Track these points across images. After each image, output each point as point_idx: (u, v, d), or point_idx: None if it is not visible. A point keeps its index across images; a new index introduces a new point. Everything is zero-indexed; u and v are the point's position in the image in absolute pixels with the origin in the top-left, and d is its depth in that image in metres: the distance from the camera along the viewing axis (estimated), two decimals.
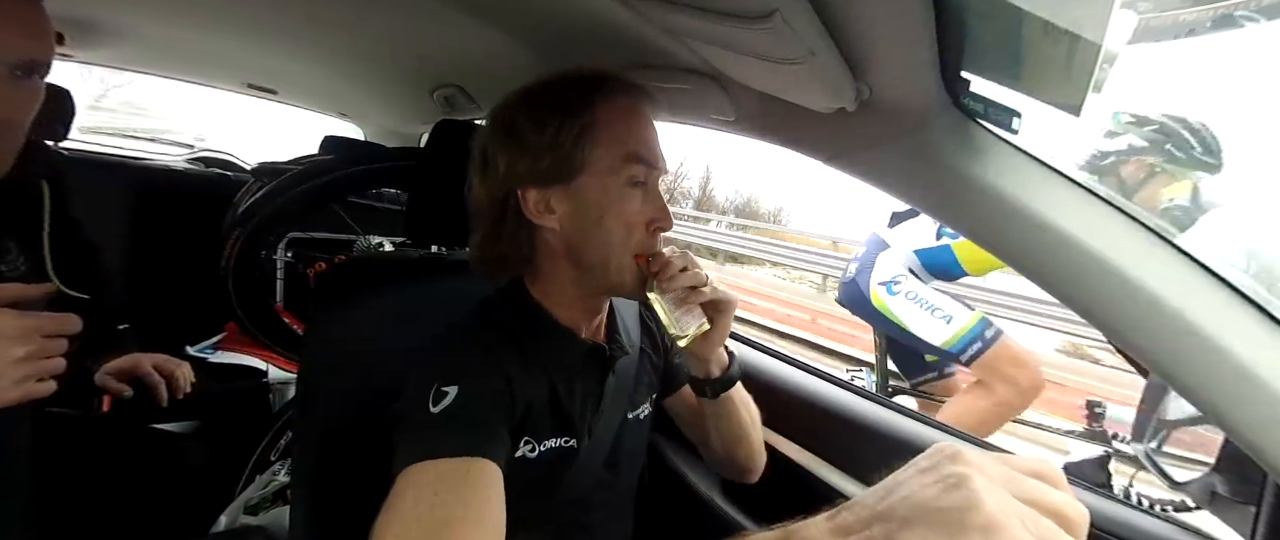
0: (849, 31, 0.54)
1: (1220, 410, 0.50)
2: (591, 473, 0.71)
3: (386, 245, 1.84)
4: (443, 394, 0.56)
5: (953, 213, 0.65)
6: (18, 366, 0.56)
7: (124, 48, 1.68)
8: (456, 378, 0.57)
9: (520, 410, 0.62)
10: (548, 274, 0.68)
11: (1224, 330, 0.50)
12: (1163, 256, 0.54)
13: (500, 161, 0.64)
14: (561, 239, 0.65)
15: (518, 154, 0.63)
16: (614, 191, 0.63)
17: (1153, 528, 0.68)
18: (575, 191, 0.63)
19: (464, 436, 0.54)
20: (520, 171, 0.63)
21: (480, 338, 0.64)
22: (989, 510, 0.28)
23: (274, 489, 1.13)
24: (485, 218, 0.66)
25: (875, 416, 0.94)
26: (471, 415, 0.55)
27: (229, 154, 2.45)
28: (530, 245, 0.67)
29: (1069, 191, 0.59)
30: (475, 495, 0.50)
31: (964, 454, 0.31)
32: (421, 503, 0.49)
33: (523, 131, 0.63)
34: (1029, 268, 0.60)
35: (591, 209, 0.63)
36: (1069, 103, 0.52)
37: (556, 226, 0.64)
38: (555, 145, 0.61)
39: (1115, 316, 0.54)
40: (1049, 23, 0.46)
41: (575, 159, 0.61)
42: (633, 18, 0.68)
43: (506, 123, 0.65)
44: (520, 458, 0.63)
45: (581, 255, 0.65)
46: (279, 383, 1.57)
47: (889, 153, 0.68)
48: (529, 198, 0.63)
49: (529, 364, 0.64)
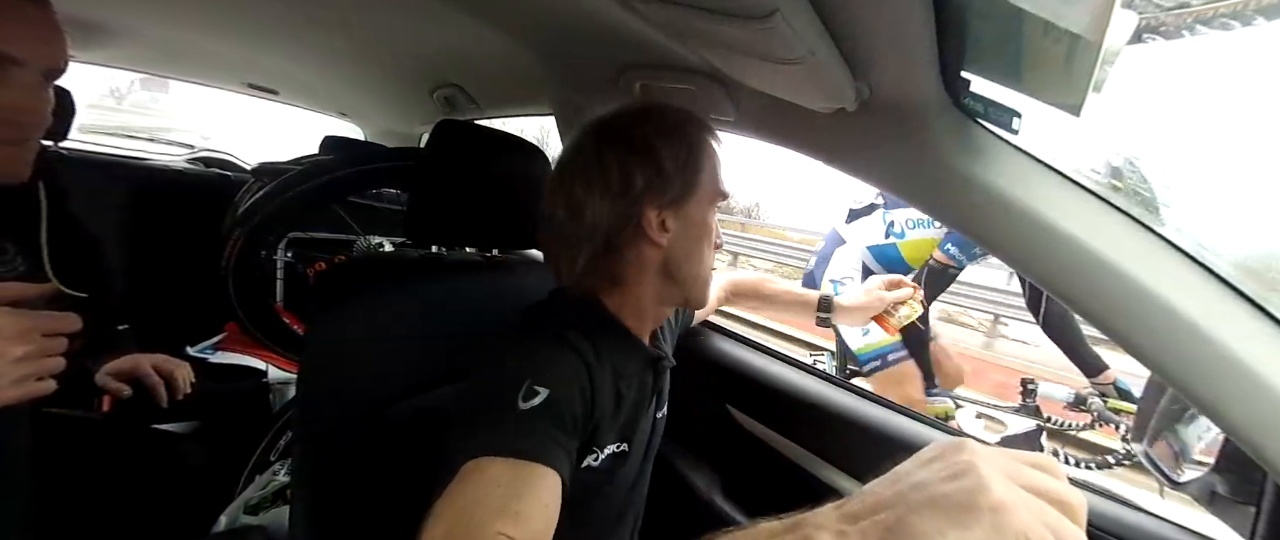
0: (849, 31, 0.54)
1: (1220, 410, 0.50)
2: (633, 472, 0.76)
3: (386, 245, 1.84)
4: (534, 393, 0.57)
5: (953, 213, 0.65)
6: (17, 366, 0.56)
7: (124, 48, 1.68)
8: (549, 380, 0.58)
9: (594, 419, 0.64)
10: (632, 287, 0.71)
11: (1224, 330, 0.50)
12: (1163, 256, 0.54)
13: (638, 180, 0.66)
14: (663, 255, 0.69)
15: (654, 174, 0.66)
16: (710, 216, 0.71)
17: (1153, 528, 0.68)
18: (686, 213, 0.69)
19: (543, 443, 0.54)
20: (653, 190, 0.66)
21: (567, 338, 0.65)
22: (995, 493, 0.29)
23: (274, 489, 1.13)
24: (600, 232, 0.67)
25: (875, 416, 0.94)
26: (554, 423, 0.57)
27: (229, 154, 2.45)
28: (629, 260, 0.70)
29: (1069, 191, 0.59)
30: (537, 502, 0.51)
31: (968, 445, 0.33)
32: (488, 494, 0.49)
33: (660, 153, 0.67)
34: (1029, 267, 0.60)
35: (695, 229, 0.70)
36: (1069, 103, 0.52)
37: (664, 243, 0.68)
38: (684, 169, 0.67)
39: (1115, 316, 0.54)
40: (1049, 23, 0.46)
41: (693, 183, 0.68)
42: (633, 18, 0.68)
43: (643, 143, 0.67)
44: (585, 467, 0.65)
45: (678, 271, 0.70)
46: (279, 383, 1.57)
47: (889, 153, 0.68)
48: (651, 215, 0.67)
49: (604, 369, 0.67)
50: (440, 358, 0.83)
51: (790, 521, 0.34)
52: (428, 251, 0.94)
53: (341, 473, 0.76)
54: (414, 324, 0.82)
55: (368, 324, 0.79)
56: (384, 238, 1.86)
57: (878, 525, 0.31)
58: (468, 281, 0.93)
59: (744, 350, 1.16)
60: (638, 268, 0.70)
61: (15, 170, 0.71)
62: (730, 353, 1.15)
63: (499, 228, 0.94)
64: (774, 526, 0.34)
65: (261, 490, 1.12)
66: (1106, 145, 0.59)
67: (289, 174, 1.22)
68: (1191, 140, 0.81)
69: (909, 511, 0.30)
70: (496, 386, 0.59)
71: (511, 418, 0.55)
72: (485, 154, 0.90)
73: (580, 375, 0.63)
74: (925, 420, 0.93)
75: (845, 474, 0.93)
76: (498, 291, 0.94)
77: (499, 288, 0.95)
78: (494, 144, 0.91)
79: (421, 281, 0.88)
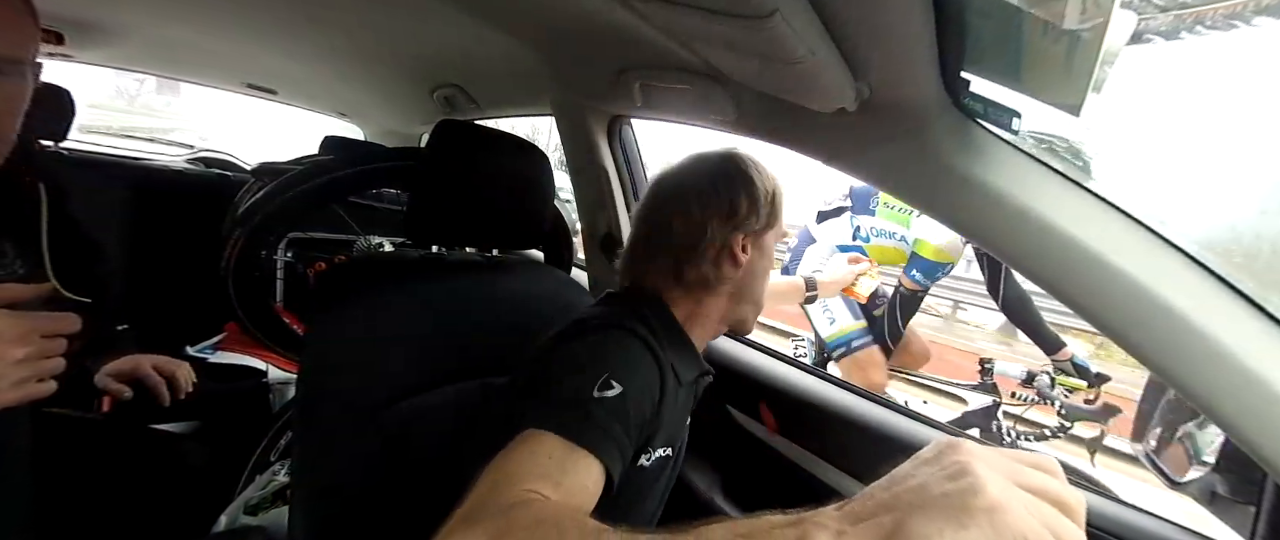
0: (849, 31, 0.54)
1: (1220, 410, 0.50)
2: (670, 476, 0.80)
3: (386, 245, 1.84)
4: (610, 385, 0.58)
5: (953, 213, 0.65)
6: (16, 368, 0.56)
7: (124, 48, 1.68)
8: (627, 378, 0.60)
9: (656, 422, 0.66)
10: (701, 303, 0.77)
11: (1223, 330, 0.50)
12: (1163, 256, 0.54)
13: (743, 204, 0.75)
14: (737, 278, 0.76)
15: (752, 204, 0.75)
16: (772, 249, 0.80)
17: (1153, 528, 0.68)
18: (763, 244, 0.78)
19: (603, 436, 0.55)
20: (748, 219, 0.75)
21: (643, 336, 0.67)
22: (992, 494, 0.29)
23: (274, 489, 1.12)
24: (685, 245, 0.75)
25: (875, 416, 0.94)
26: (620, 419, 0.58)
27: (229, 154, 2.45)
28: (706, 276, 0.76)
29: (1069, 191, 0.59)
30: (577, 482, 0.52)
31: (965, 445, 0.33)
32: (535, 460, 0.51)
33: (755, 187, 0.75)
34: (1029, 267, 0.60)
35: (766, 259, 0.79)
36: (1069, 103, 0.52)
37: (742, 266, 0.75)
38: (771, 205, 0.76)
39: (1115, 316, 0.54)
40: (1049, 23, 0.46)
41: (773, 219, 0.77)
42: (633, 18, 0.68)
43: (738, 176, 0.76)
44: (638, 466, 0.67)
45: (746, 294, 0.79)
46: (279, 383, 1.57)
47: (889, 153, 0.68)
48: (738, 241, 0.75)
49: (671, 376, 0.69)
50: (440, 358, 0.83)
51: (793, 517, 0.34)
52: (428, 251, 0.94)
53: (341, 473, 0.75)
54: (414, 324, 0.82)
55: (368, 324, 0.79)
56: (384, 238, 1.86)
57: (877, 527, 0.31)
58: (468, 281, 0.93)
59: (744, 350, 1.16)
60: (717, 284, 0.76)
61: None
62: (731, 353, 1.15)
63: (499, 228, 0.94)
64: (776, 519, 0.35)
65: (261, 490, 1.12)
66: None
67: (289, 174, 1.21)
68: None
69: (907, 514, 0.30)
70: (573, 372, 0.60)
71: (583, 402, 0.57)
72: (485, 154, 0.90)
73: (654, 379, 0.65)
74: (925, 420, 0.93)
75: (845, 474, 0.93)
76: (498, 291, 0.94)
77: (499, 288, 0.95)
78: (494, 144, 0.91)
79: (421, 281, 0.88)
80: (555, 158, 1.22)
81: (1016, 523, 0.29)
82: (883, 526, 0.31)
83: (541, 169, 0.95)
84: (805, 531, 0.32)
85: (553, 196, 0.99)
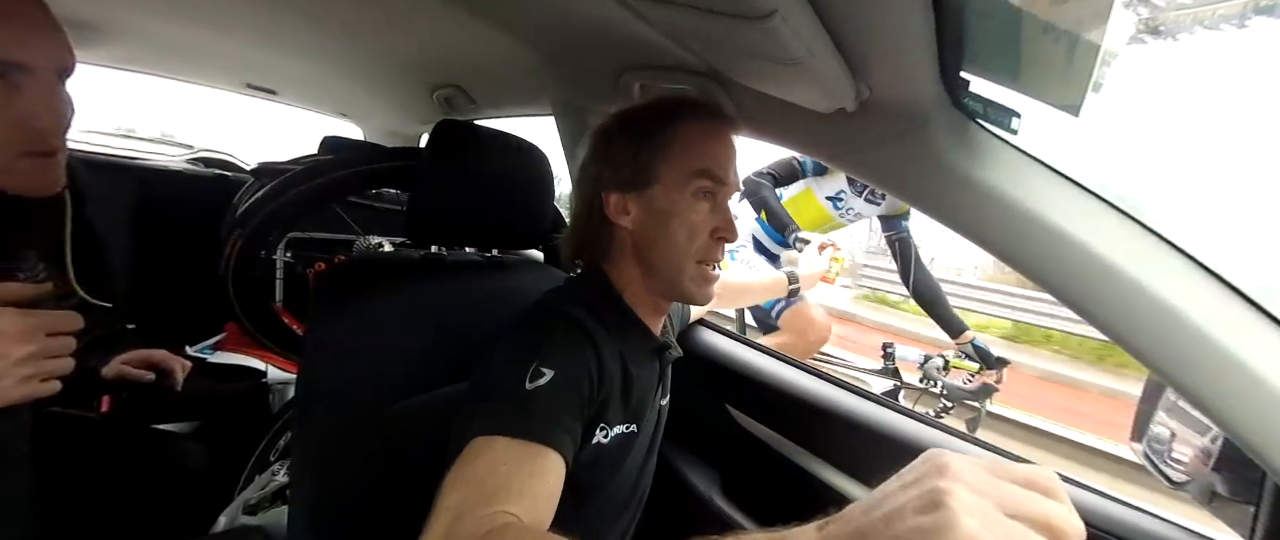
0: (849, 31, 0.54)
1: (1220, 410, 0.50)
2: (640, 457, 0.80)
3: (386, 245, 1.84)
4: (540, 373, 0.59)
5: (952, 212, 0.65)
6: (20, 365, 0.56)
7: (124, 48, 1.68)
8: (554, 361, 0.61)
9: (601, 394, 0.67)
10: (622, 268, 0.77)
11: (1223, 330, 0.50)
12: (1162, 256, 0.54)
13: (591, 168, 0.76)
14: (633, 238, 0.75)
15: (605, 163, 0.74)
16: (681, 202, 0.72)
17: (1153, 528, 0.68)
18: (649, 199, 0.72)
19: (545, 425, 0.56)
20: (606, 177, 0.74)
21: (574, 316, 0.69)
22: (965, 528, 0.28)
23: (274, 489, 1.12)
24: (578, 215, 0.78)
25: (875, 416, 0.94)
26: (558, 404, 0.59)
27: (229, 154, 2.45)
28: (608, 240, 0.77)
29: (1068, 191, 0.59)
30: (538, 481, 0.53)
31: (950, 467, 0.31)
32: (493, 471, 0.52)
33: (614, 144, 0.74)
34: (1028, 267, 0.60)
35: (659, 215, 0.72)
36: (1069, 103, 0.52)
37: (629, 226, 0.74)
38: (635, 157, 0.72)
39: (1114, 316, 0.54)
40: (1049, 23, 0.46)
41: (650, 170, 0.72)
42: (633, 18, 0.68)
43: (604, 136, 0.76)
44: (595, 444, 0.68)
45: (649, 255, 0.74)
46: (279, 383, 1.57)
47: (889, 153, 0.68)
48: (610, 200, 0.74)
49: (612, 346, 0.70)
50: (440, 358, 0.83)
51: (775, 536, 0.35)
52: (428, 251, 0.94)
53: (341, 473, 0.75)
54: (414, 324, 0.82)
55: (367, 324, 0.79)
56: (384, 238, 1.86)
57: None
58: (468, 281, 0.93)
59: (744, 350, 1.16)
60: (618, 249, 0.76)
61: (50, 181, 0.71)
62: (730, 352, 1.15)
63: (499, 228, 0.94)
64: (758, 537, 0.35)
65: (261, 490, 1.12)
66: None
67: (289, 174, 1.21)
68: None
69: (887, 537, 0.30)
70: (505, 367, 0.61)
71: (518, 398, 0.57)
72: (485, 154, 0.90)
73: (585, 352, 0.65)
74: (925, 420, 0.93)
75: (844, 474, 0.93)
76: (498, 291, 0.94)
77: (499, 288, 0.95)
78: (494, 144, 0.91)
79: (421, 281, 0.88)
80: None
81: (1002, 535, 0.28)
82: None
83: (541, 169, 0.95)
84: None
85: (553, 196, 0.99)
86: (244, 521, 1.05)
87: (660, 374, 0.82)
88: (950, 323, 2.03)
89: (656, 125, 0.73)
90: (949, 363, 1.92)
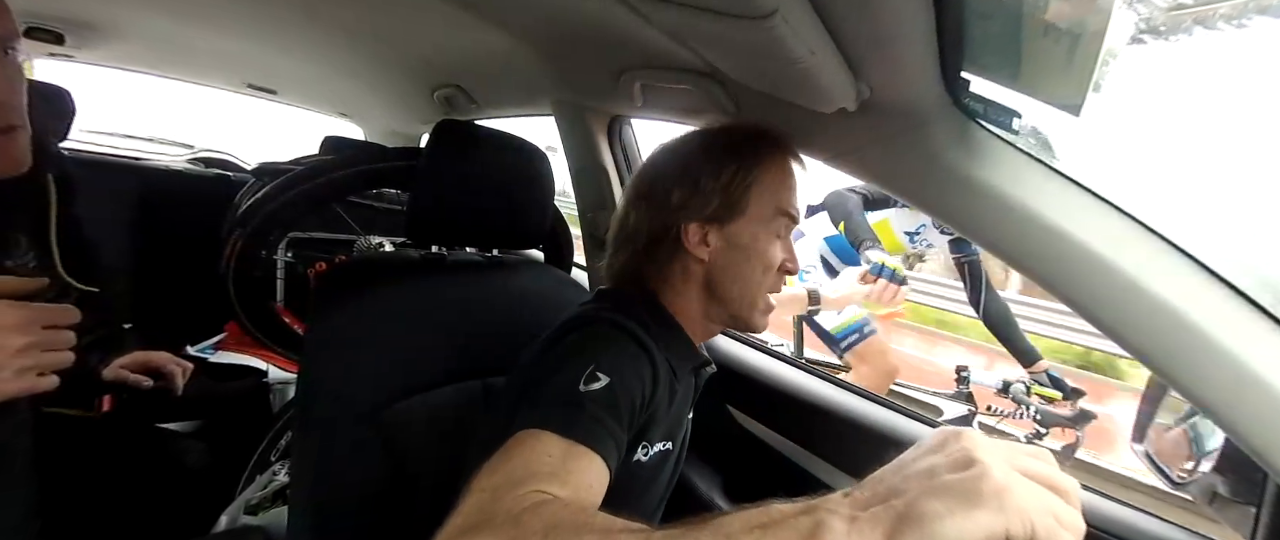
0: (849, 31, 0.54)
1: (1220, 410, 0.50)
2: (670, 472, 0.78)
3: (386, 245, 1.84)
4: (597, 378, 0.58)
5: (952, 212, 0.65)
6: (17, 357, 0.55)
7: (124, 48, 1.68)
8: (611, 368, 0.59)
9: (649, 410, 0.65)
10: (681, 293, 0.75)
11: (1224, 330, 0.50)
12: (1163, 256, 0.54)
13: (674, 196, 0.72)
14: (705, 270, 0.73)
15: (691, 191, 0.71)
16: (763, 237, 0.72)
17: (1153, 528, 0.68)
18: (732, 232, 0.71)
19: (594, 428, 0.54)
20: (692, 206, 0.71)
21: (629, 328, 0.66)
22: (998, 478, 0.31)
23: (274, 489, 1.12)
24: (641, 237, 0.74)
25: (875, 416, 0.94)
26: (611, 411, 0.57)
27: (229, 154, 2.45)
28: (673, 267, 0.74)
29: (1069, 191, 0.59)
30: (581, 478, 0.51)
31: (967, 433, 0.34)
32: (536, 460, 0.49)
33: (699, 173, 0.71)
34: (1029, 267, 0.60)
35: (741, 250, 0.72)
36: (1069, 103, 0.52)
37: (706, 258, 0.72)
38: (725, 190, 0.70)
39: (1115, 316, 0.54)
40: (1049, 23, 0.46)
41: (739, 205, 0.71)
42: (633, 18, 0.68)
43: (684, 161, 0.73)
44: (635, 461, 0.66)
45: (721, 287, 0.73)
46: (279, 383, 1.57)
47: (889, 153, 0.68)
48: (690, 230, 0.71)
49: (665, 364, 0.68)
50: (440, 358, 0.83)
51: (804, 504, 0.34)
52: (428, 251, 0.94)
53: (341, 473, 0.75)
54: (414, 324, 0.82)
55: (368, 324, 0.79)
56: (384, 238, 1.86)
57: (890, 510, 0.31)
58: (468, 281, 0.93)
59: (744, 350, 1.16)
60: (683, 278, 0.74)
61: (14, 161, 0.69)
62: (730, 352, 1.15)
63: (499, 228, 0.94)
64: (787, 509, 0.35)
65: (261, 490, 1.12)
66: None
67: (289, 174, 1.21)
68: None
69: (918, 497, 0.31)
70: (558, 367, 0.59)
71: (572, 399, 0.56)
72: (485, 154, 0.90)
73: (641, 365, 0.64)
74: (925, 420, 0.93)
75: (845, 474, 0.93)
76: (498, 291, 0.94)
77: (499, 288, 0.95)
78: (494, 144, 0.91)
79: (421, 281, 0.88)
80: None
81: (1022, 503, 0.31)
82: (894, 509, 0.31)
83: (541, 169, 0.95)
84: (820, 519, 0.32)
85: (553, 196, 0.99)
86: (245, 521, 1.05)
87: (696, 390, 0.80)
88: (1022, 350, 1.93)
89: (744, 158, 0.72)
90: (1031, 389, 1.81)
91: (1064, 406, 1.77)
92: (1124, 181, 0.57)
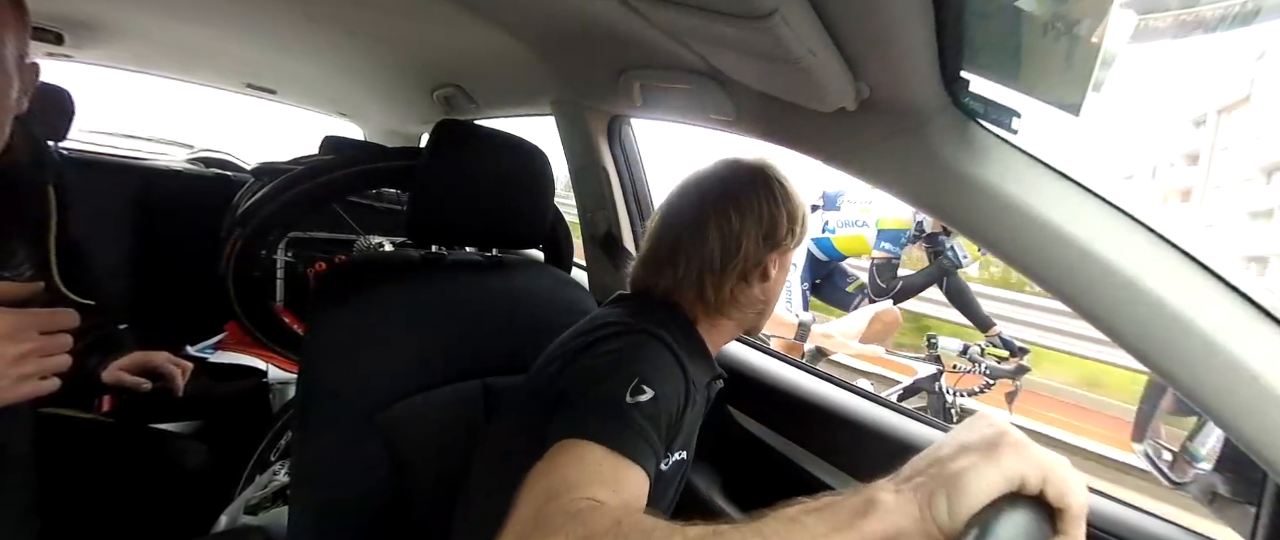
0: (849, 31, 0.54)
1: (1220, 410, 0.50)
2: (682, 478, 0.79)
3: (386, 245, 1.84)
4: (642, 390, 0.58)
5: (952, 212, 0.65)
6: (15, 364, 0.55)
7: (124, 48, 1.68)
8: (656, 382, 0.60)
9: (679, 423, 0.66)
10: (725, 315, 0.77)
11: (1224, 330, 0.50)
12: (1163, 256, 0.54)
13: (782, 222, 0.74)
14: (759, 293, 0.76)
15: (789, 221, 0.75)
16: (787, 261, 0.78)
17: (1153, 528, 0.68)
18: (784, 261, 0.77)
19: (638, 441, 0.55)
20: (782, 236, 0.75)
21: (666, 341, 0.67)
22: (1016, 436, 0.36)
23: (274, 489, 1.12)
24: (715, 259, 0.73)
25: (875, 416, 0.94)
26: (653, 425, 0.57)
27: (229, 154, 2.45)
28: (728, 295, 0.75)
29: (1069, 191, 0.59)
30: (627, 488, 0.52)
31: (987, 416, 0.39)
32: (583, 469, 0.50)
33: (794, 203, 0.76)
34: (1029, 267, 0.60)
35: (781, 275, 0.78)
36: (1069, 102, 0.52)
37: (767, 285, 0.76)
38: (790, 222, 0.75)
39: (1115, 316, 0.54)
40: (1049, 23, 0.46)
41: (798, 237, 0.77)
42: (633, 18, 0.68)
43: (785, 190, 0.75)
44: (660, 471, 0.66)
45: (765, 310, 0.79)
46: (279, 383, 1.57)
47: (889, 153, 0.68)
48: (773, 259, 0.75)
49: (691, 381, 0.69)
50: (440, 358, 0.83)
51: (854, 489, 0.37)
52: (428, 251, 0.94)
53: (341, 473, 0.75)
54: (414, 324, 0.82)
55: (368, 324, 0.79)
56: (384, 238, 1.86)
57: (929, 477, 0.35)
58: (468, 281, 0.93)
59: (744, 350, 1.16)
60: (746, 300, 0.76)
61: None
62: (730, 353, 1.15)
63: (499, 227, 0.94)
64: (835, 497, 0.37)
65: (261, 490, 1.12)
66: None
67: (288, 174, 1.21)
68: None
69: (949, 461, 0.36)
70: (603, 377, 0.59)
71: (617, 410, 0.56)
72: (485, 154, 0.90)
73: (680, 385, 0.65)
74: (925, 420, 0.93)
75: (845, 474, 0.93)
76: (497, 291, 0.94)
77: (499, 287, 0.95)
78: (494, 144, 0.91)
79: (421, 281, 0.88)
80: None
81: (1039, 456, 0.35)
82: (932, 475, 0.35)
83: (541, 169, 0.95)
84: (869, 496, 0.36)
85: (553, 196, 0.99)
86: (245, 521, 1.05)
87: (708, 401, 0.81)
88: (979, 318, 2.38)
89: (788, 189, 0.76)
90: (984, 349, 2.27)
91: (1010, 363, 2.23)
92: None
